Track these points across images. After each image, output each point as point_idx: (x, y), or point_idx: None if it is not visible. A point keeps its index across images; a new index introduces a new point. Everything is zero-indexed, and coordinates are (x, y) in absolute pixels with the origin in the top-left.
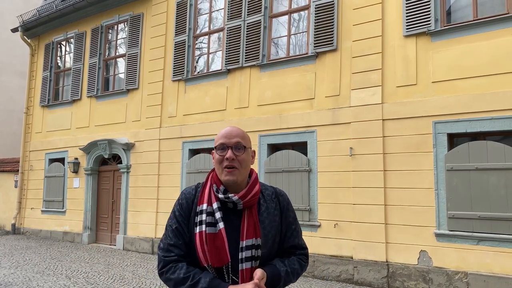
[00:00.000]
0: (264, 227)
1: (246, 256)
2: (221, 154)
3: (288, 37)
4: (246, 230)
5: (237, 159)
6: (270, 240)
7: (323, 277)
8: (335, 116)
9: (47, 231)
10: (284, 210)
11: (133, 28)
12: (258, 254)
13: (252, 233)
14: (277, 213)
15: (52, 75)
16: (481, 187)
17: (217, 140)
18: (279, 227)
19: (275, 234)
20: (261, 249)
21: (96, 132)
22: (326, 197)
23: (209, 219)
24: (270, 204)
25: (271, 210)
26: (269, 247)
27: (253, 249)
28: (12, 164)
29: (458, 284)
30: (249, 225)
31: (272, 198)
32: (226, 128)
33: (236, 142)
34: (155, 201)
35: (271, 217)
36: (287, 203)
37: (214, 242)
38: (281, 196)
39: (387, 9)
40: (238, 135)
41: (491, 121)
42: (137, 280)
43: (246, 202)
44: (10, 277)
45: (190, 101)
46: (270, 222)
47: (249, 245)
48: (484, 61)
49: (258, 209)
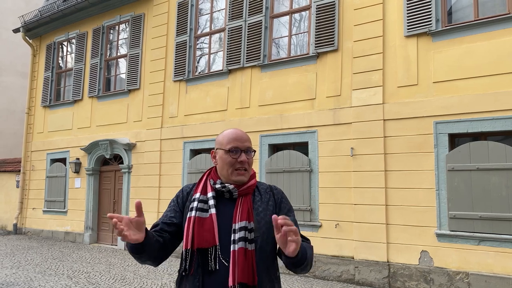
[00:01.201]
0: (258, 214)
1: (239, 237)
2: (234, 156)
3: (289, 37)
4: (240, 214)
5: (247, 162)
6: (264, 227)
7: (324, 277)
8: (336, 116)
9: (48, 231)
10: (278, 202)
11: (135, 29)
12: (251, 237)
13: (245, 216)
14: (272, 204)
15: (54, 75)
16: (482, 187)
17: (227, 142)
18: None
19: (269, 222)
20: (254, 232)
21: (97, 132)
22: (327, 197)
23: (200, 205)
24: (264, 196)
25: (265, 200)
26: (263, 234)
27: (246, 231)
28: (13, 164)
29: (459, 284)
30: (243, 209)
31: (266, 191)
32: (233, 131)
33: (248, 146)
34: (156, 201)
35: (265, 205)
36: (281, 196)
37: (203, 226)
38: (275, 190)
39: (388, 10)
40: (247, 140)
41: (492, 121)
42: (138, 280)
43: (241, 191)
44: (11, 277)
45: (191, 101)
46: (264, 210)
47: (242, 226)
48: (485, 61)
49: (253, 198)
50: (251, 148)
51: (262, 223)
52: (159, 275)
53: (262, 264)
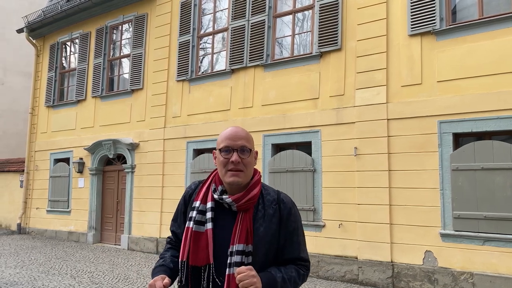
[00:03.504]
0: (257, 234)
1: (236, 261)
2: (226, 156)
3: (292, 37)
4: (239, 235)
5: (242, 162)
6: (263, 248)
7: (327, 277)
8: (340, 115)
9: (52, 231)
10: (284, 219)
11: (138, 29)
12: (248, 262)
13: (243, 239)
14: (275, 221)
15: (57, 75)
16: (487, 187)
17: (221, 141)
18: (277, 236)
19: (270, 242)
20: (252, 256)
21: (100, 132)
22: (331, 197)
23: (198, 217)
24: (268, 210)
25: (268, 217)
26: (262, 256)
27: (243, 255)
28: (17, 164)
29: (463, 284)
30: (242, 230)
31: (272, 204)
32: (229, 129)
33: (241, 145)
34: (160, 201)
35: (267, 224)
36: (288, 212)
37: (199, 241)
38: (283, 204)
39: (391, 9)
40: (243, 138)
41: (496, 121)
42: (141, 280)
43: (240, 206)
44: (15, 276)
45: (194, 101)
46: (265, 229)
47: (240, 250)
48: (490, 60)
49: (255, 215)
50: (246, 147)
51: (260, 244)
52: None
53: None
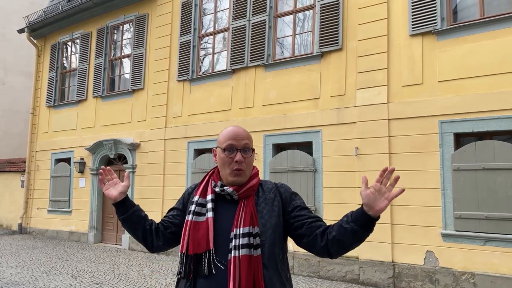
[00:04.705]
0: (262, 217)
1: (242, 243)
2: (230, 155)
3: (293, 37)
4: (243, 219)
5: (245, 161)
6: (270, 229)
7: (328, 277)
8: (340, 115)
9: (53, 230)
10: (288, 199)
11: (138, 29)
12: (257, 242)
13: (248, 222)
14: (277, 204)
15: (58, 75)
16: (488, 187)
17: (224, 140)
18: (281, 218)
19: (276, 223)
20: (259, 237)
21: (101, 132)
22: (332, 197)
23: (198, 209)
24: (269, 195)
25: (270, 200)
26: (270, 236)
27: (251, 237)
28: (18, 164)
29: (465, 284)
30: (246, 213)
31: (272, 190)
32: (231, 128)
33: (244, 144)
34: (161, 201)
35: (269, 206)
36: (290, 193)
37: (198, 230)
38: (282, 188)
39: (392, 8)
40: (246, 137)
41: (497, 121)
42: (142, 279)
43: (241, 194)
44: (16, 276)
45: (195, 101)
46: (268, 211)
47: (246, 232)
48: (491, 60)
49: (257, 200)
50: (249, 146)
51: (267, 225)
52: (163, 274)
53: (272, 267)
